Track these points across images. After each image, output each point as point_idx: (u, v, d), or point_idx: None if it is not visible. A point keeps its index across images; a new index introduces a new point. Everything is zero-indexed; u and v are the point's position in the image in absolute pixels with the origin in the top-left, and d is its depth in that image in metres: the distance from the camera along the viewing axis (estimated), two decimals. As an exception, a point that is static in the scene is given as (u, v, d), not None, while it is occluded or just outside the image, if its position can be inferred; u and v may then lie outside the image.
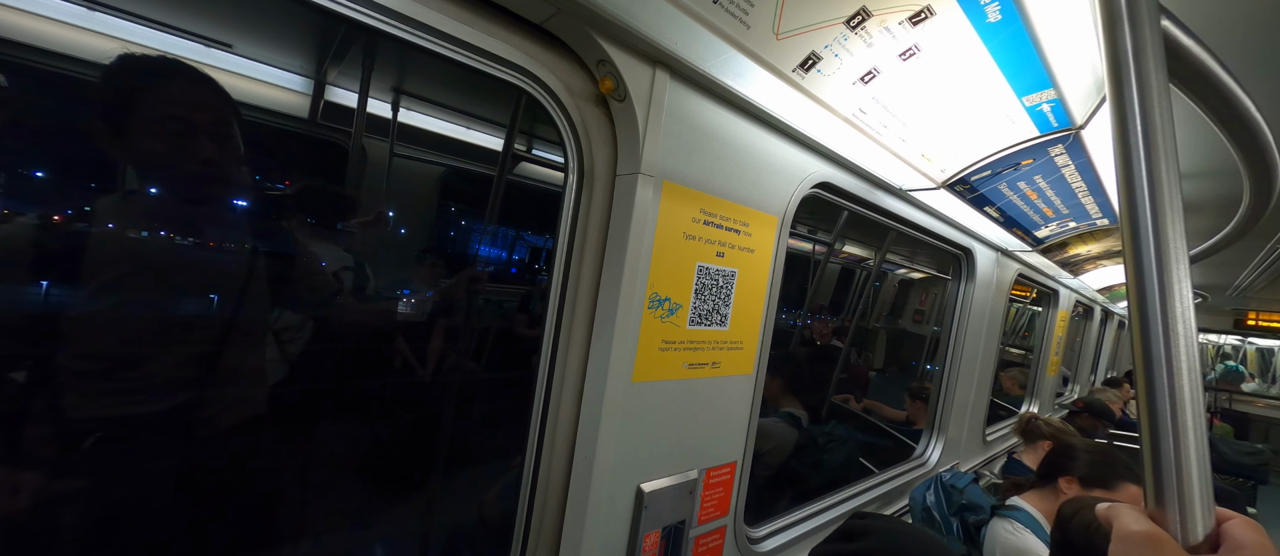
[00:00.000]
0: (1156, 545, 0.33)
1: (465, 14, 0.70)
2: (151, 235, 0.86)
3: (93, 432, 0.83)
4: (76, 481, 0.82)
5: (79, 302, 0.80)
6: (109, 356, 0.84)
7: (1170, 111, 0.38)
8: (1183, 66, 0.43)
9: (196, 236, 0.90)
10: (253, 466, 1.06)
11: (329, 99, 1.58)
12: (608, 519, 0.89)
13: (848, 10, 0.72)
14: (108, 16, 1.10)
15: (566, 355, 0.87)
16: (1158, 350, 0.35)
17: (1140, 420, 0.37)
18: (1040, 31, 0.80)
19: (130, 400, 0.86)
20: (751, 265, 1.04)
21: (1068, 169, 1.36)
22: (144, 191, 0.87)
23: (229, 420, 0.98)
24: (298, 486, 1.32)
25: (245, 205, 0.97)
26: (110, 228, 0.84)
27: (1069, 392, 4.52)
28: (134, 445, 0.87)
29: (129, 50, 0.89)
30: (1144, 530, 0.34)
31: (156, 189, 0.87)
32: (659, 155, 0.83)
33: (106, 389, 0.84)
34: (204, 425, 0.95)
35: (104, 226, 0.84)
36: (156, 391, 0.88)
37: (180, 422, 0.92)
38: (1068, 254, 2.35)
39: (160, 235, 0.87)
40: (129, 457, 0.87)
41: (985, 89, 0.96)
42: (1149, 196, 0.37)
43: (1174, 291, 0.35)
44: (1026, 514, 1.41)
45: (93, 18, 1.07)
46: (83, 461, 0.82)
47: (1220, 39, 0.65)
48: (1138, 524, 0.34)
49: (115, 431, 0.85)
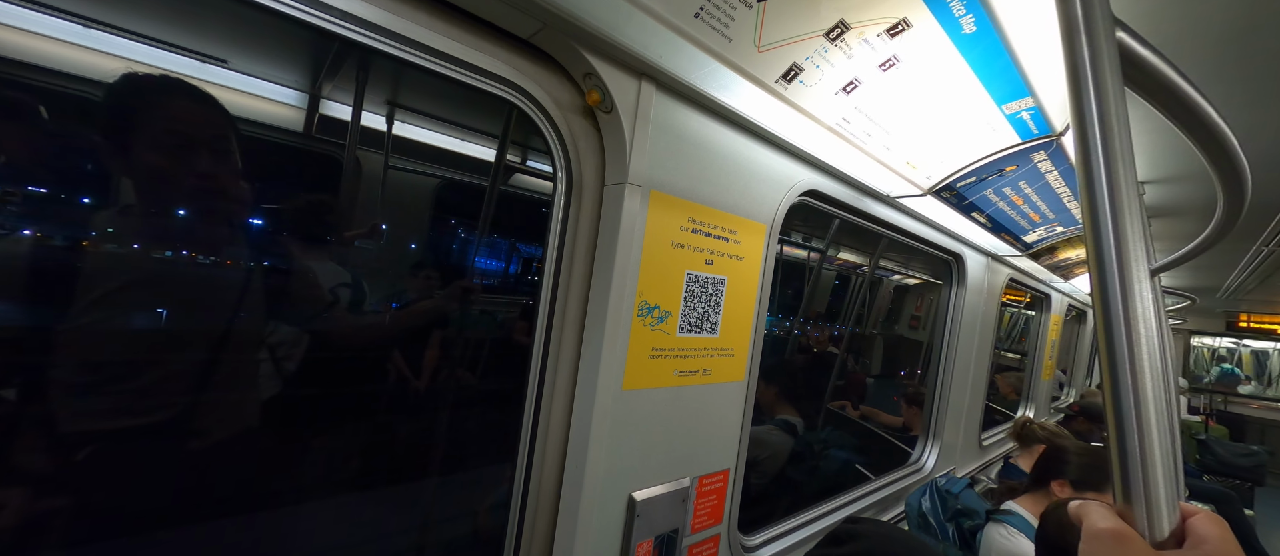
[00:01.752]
0: (1122, 541, 0.33)
1: (454, 30, 0.72)
2: (156, 250, 0.87)
3: (88, 444, 0.83)
4: (78, 487, 0.82)
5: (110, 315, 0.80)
6: (125, 367, 0.84)
7: (1126, 117, 0.39)
8: (1141, 74, 0.44)
9: (199, 249, 0.90)
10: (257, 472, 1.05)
11: (323, 112, 1.60)
12: (600, 528, 0.89)
13: (826, 23, 0.74)
14: (104, 34, 1.11)
15: (557, 364, 0.88)
16: (1121, 350, 0.36)
17: (1107, 420, 0.37)
18: (1015, 42, 0.82)
19: (138, 412, 0.86)
20: (741, 272, 1.05)
21: (1051, 174, 1.39)
22: (149, 206, 0.87)
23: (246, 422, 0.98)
24: (307, 492, 1.31)
25: (249, 217, 0.98)
26: (111, 243, 0.85)
27: (1065, 396, 4.53)
28: (128, 456, 0.87)
29: (130, 69, 0.90)
30: (1111, 527, 0.34)
31: (157, 202, 0.87)
32: (646, 165, 0.85)
33: (119, 400, 0.84)
34: (204, 435, 0.95)
35: (107, 241, 0.85)
36: (161, 403, 0.88)
37: (176, 434, 0.91)
38: (1057, 258, 2.37)
39: (170, 249, 0.87)
40: (126, 466, 0.87)
41: (965, 98, 0.99)
42: (1108, 199, 0.38)
43: (1134, 292, 0.36)
44: (1021, 518, 1.41)
45: (88, 35, 1.08)
46: (84, 469, 0.82)
47: (1181, 49, 0.67)
48: (1105, 521, 0.35)
49: (113, 442, 0.84)
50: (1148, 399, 0.36)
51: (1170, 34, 0.70)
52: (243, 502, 1.06)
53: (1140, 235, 0.37)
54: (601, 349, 0.84)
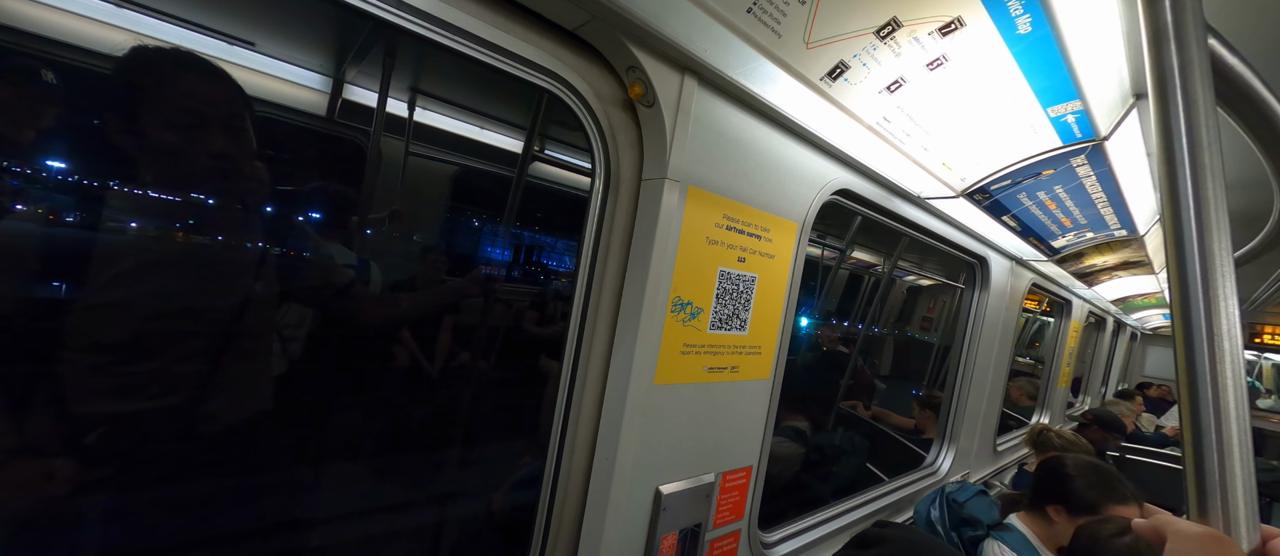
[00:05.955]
0: (1221, 544, 0.33)
1: (500, 19, 0.72)
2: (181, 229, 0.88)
3: (98, 426, 0.83)
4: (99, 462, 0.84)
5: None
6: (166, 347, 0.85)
7: (1217, 128, 0.38)
8: (1226, 84, 0.43)
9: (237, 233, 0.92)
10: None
11: (348, 98, 1.60)
12: (626, 519, 0.90)
13: (879, 20, 0.73)
14: (130, 12, 1.11)
15: (589, 356, 0.88)
16: (1202, 364, 0.36)
17: (1182, 434, 0.37)
18: (1069, 43, 0.80)
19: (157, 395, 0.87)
20: (771, 270, 1.04)
21: (1089, 179, 1.36)
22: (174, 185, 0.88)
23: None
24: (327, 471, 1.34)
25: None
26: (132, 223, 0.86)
27: (1080, 403, 4.48)
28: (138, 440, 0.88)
29: (142, 42, 0.89)
30: (1203, 531, 0.34)
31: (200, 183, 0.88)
32: (685, 160, 0.84)
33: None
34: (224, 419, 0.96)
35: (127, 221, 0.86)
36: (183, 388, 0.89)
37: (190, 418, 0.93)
38: (1083, 264, 2.33)
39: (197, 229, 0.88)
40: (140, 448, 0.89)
41: (1010, 99, 0.96)
42: (1195, 212, 0.37)
43: (1220, 307, 0.36)
44: (1019, 535, 1.40)
45: (117, 13, 1.09)
46: (99, 448, 0.84)
47: (1264, 58, 0.65)
48: (1196, 526, 0.35)
49: (125, 425, 0.85)
50: (1230, 414, 0.35)
51: (1251, 42, 0.68)
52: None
53: (1227, 250, 0.36)
54: (635, 343, 0.84)
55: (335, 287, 1.12)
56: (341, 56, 1.56)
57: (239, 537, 1.02)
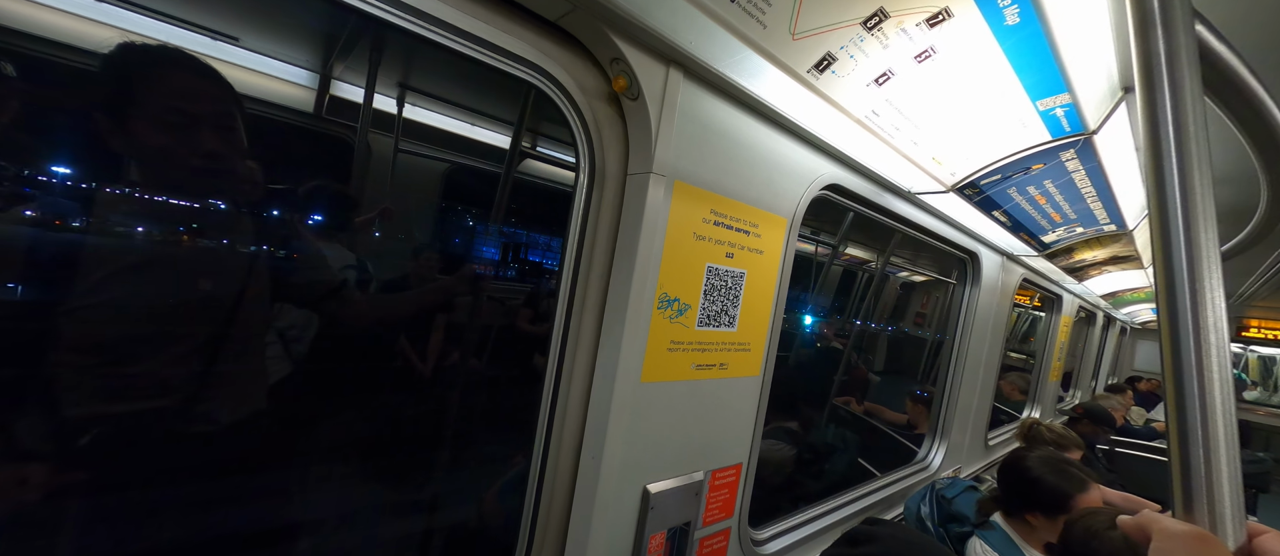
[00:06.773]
0: (1206, 543, 0.32)
1: (478, 8, 0.70)
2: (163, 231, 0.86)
3: (90, 429, 0.82)
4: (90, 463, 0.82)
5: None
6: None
7: (1204, 117, 0.37)
8: (1214, 73, 0.42)
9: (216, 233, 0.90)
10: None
11: (334, 93, 1.58)
12: (613, 519, 0.88)
13: (865, 11, 0.72)
14: (113, 8, 1.08)
15: (574, 354, 0.87)
16: (1188, 359, 0.35)
17: (1168, 429, 0.36)
18: (1058, 35, 0.79)
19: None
20: (760, 267, 1.03)
21: (1078, 174, 1.36)
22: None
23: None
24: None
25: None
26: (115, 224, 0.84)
27: (1070, 398, 4.52)
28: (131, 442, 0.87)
29: (130, 39, 0.87)
30: (1187, 530, 0.33)
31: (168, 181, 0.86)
32: (671, 155, 0.83)
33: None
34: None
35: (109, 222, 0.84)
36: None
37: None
38: (1073, 259, 2.34)
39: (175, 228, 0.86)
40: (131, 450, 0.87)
41: (999, 92, 0.96)
42: (1181, 203, 0.36)
43: (1206, 300, 0.35)
44: (1002, 535, 1.40)
45: (98, 9, 1.06)
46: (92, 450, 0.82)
47: (1254, 48, 0.64)
48: (1182, 524, 0.34)
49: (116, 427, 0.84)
50: (1216, 409, 0.34)
51: (1239, 30, 0.67)
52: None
53: (1214, 242, 0.36)
54: (621, 340, 0.83)
55: (318, 285, 1.10)
56: (327, 52, 1.53)
57: (215, 541, 0.99)
